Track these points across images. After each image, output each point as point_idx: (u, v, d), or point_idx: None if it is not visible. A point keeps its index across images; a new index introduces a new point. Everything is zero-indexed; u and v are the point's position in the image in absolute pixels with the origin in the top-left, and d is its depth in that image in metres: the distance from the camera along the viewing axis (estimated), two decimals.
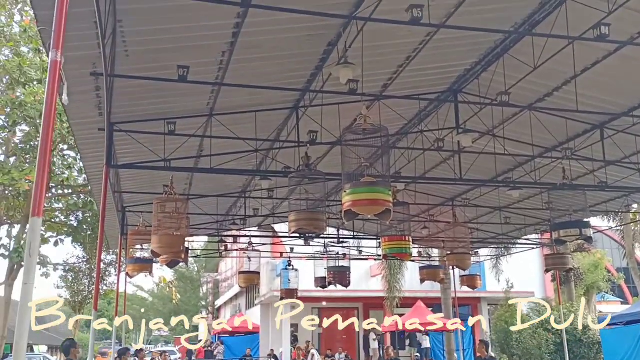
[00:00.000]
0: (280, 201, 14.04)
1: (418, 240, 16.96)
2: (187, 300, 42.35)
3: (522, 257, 23.40)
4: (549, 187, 10.22)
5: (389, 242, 9.83)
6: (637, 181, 11.18)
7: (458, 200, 14.17)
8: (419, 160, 11.07)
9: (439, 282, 15.20)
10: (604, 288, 29.81)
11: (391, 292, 24.96)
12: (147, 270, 11.53)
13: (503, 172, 11.97)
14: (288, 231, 8.04)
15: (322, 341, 30.09)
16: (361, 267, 26.55)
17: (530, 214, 14.38)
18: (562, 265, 11.66)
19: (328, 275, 14.47)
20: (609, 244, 37.65)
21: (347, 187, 6.39)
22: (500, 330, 19.59)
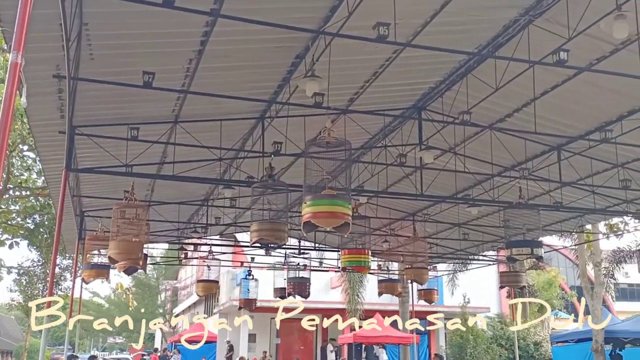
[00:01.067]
0: (242, 210, 14.01)
1: (378, 253, 17.11)
2: (144, 307, 41.65)
3: (479, 273, 23.78)
4: (506, 205, 10.44)
5: (348, 255, 9.91)
6: (591, 202, 11.50)
7: (419, 215, 14.35)
8: (381, 174, 11.19)
9: (396, 295, 15.34)
10: (557, 305, 30.49)
11: (351, 304, 25.04)
12: (104, 276, 11.36)
13: (463, 189, 12.19)
14: (249, 241, 8.05)
15: (279, 352, 29.97)
16: (321, 278, 26.59)
17: (487, 231, 14.64)
18: (516, 283, 11.90)
19: (288, 285, 14.49)
20: (564, 262, 38.57)
21: (307, 199, 6.44)
22: (455, 345, 19.86)
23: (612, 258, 22.97)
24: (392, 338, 22.66)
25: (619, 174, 10.13)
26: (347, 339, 24.05)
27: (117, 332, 49.89)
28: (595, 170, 10.41)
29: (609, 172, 10.39)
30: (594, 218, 13.77)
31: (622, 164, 10.05)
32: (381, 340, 23.54)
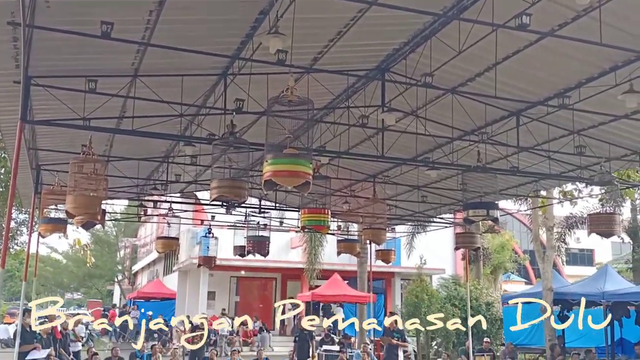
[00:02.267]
0: (203, 169, 13.92)
1: (338, 214, 17.27)
2: (102, 264, 41.39)
3: (436, 236, 24.30)
4: (464, 168, 10.62)
5: (308, 215, 9.99)
6: (547, 168, 11.78)
7: (379, 177, 14.48)
8: (344, 136, 11.22)
9: (355, 255, 15.59)
10: (510, 268, 31.43)
11: (310, 264, 25.34)
12: (61, 231, 11.21)
13: (423, 152, 12.34)
14: (209, 198, 8.03)
15: (238, 310, 30.27)
16: (281, 238, 26.78)
17: (446, 194, 14.90)
18: (471, 244, 12.21)
19: (247, 244, 14.56)
20: (518, 227, 39.59)
21: (268, 157, 6.44)
22: (411, 304, 20.32)
23: (564, 223, 23.72)
24: (349, 297, 23.12)
25: (575, 140, 10.38)
26: (306, 297, 24.42)
27: (75, 288, 49.55)
28: (552, 136, 10.64)
29: (565, 139, 10.63)
30: (548, 183, 14.12)
31: (578, 130, 10.29)
32: (339, 299, 24.00)
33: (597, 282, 17.01)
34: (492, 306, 20.96)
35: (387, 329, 13.53)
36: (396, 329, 13.53)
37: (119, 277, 43.86)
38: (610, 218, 10.02)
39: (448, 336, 19.79)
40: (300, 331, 15.12)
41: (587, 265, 38.53)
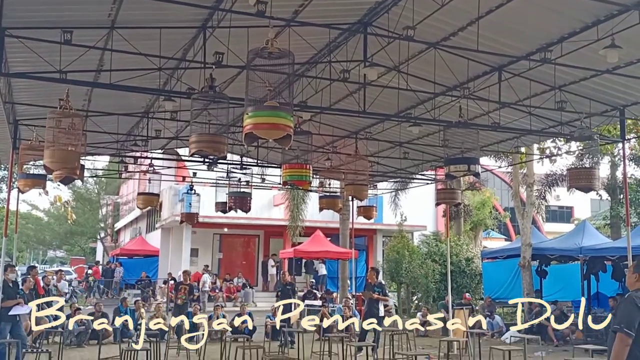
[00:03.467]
0: (184, 124, 13.80)
1: (320, 171, 17.29)
2: (84, 221, 41.26)
3: (417, 193, 24.49)
4: (446, 123, 10.63)
5: (289, 170, 9.98)
6: (528, 124, 11.83)
7: (361, 134, 14.46)
8: (325, 91, 11.14)
9: (337, 211, 15.66)
10: (490, 225, 31.84)
11: (293, 221, 25.47)
12: (40, 186, 11.11)
13: (405, 108, 12.31)
14: (189, 153, 7.98)
15: (222, 266, 30.49)
16: (264, 196, 26.84)
17: (427, 150, 14.94)
18: (452, 200, 12.29)
19: (229, 200, 14.56)
20: (499, 184, 40.02)
21: (249, 110, 6.40)
22: (392, 260, 20.59)
23: (544, 181, 24.01)
24: (331, 253, 23.35)
25: (556, 96, 10.40)
26: (288, 254, 24.63)
27: (57, 246, 49.46)
28: (533, 92, 10.65)
29: (546, 95, 10.66)
30: (529, 139, 14.18)
31: (560, 86, 10.31)
32: (321, 255, 24.23)
33: (575, 237, 17.31)
34: (472, 262, 21.32)
35: (368, 284, 13.68)
36: (377, 284, 13.67)
37: (102, 235, 43.82)
38: (589, 173, 10.13)
39: (428, 291, 20.15)
40: (283, 285, 15.27)
41: (566, 223, 39.15)
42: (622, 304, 4.86)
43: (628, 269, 5.16)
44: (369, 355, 11.01)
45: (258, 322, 16.16)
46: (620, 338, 4.55)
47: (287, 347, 13.42)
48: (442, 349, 11.23)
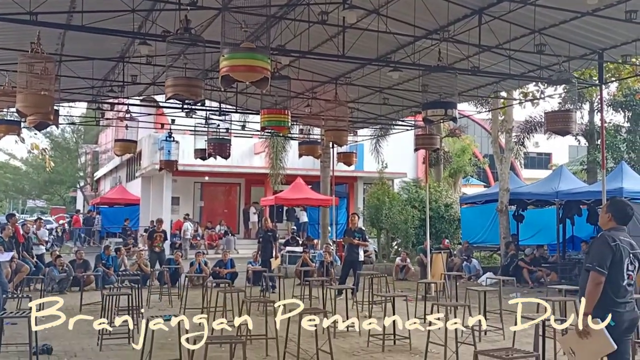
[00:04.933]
0: (161, 70, 13.56)
1: (300, 117, 17.20)
2: (63, 170, 40.87)
3: (398, 140, 24.52)
4: (425, 68, 10.56)
5: (267, 115, 9.90)
6: (507, 68, 11.79)
7: (341, 80, 14.34)
8: (304, 36, 10.95)
9: (316, 157, 15.65)
10: (469, 172, 32.15)
11: (274, 169, 25.46)
12: (15, 132, 10.91)
13: (385, 53, 12.17)
14: (165, 97, 7.86)
15: (203, 214, 30.58)
16: (245, 144, 26.74)
17: (407, 96, 14.89)
18: (430, 145, 12.33)
19: (208, 146, 14.47)
20: (479, 131, 40.21)
21: (225, 52, 6.30)
22: (372, 206, 20.77)
23: (523, 127, 24.16)
24: (312, 200, 23.48)
25: (535, 39, 10.34)
26: (269, 201, 24.73)
27: (37, 195, 49.08)
28: (513, 35, 10.56)
29: (526, 38, 10.57)
30: (509, 84, 14.16)
31: (540, 29, 10.22)
32: (302, 202, 24.37)
33: (551, 182, 17.54)
34: (451, 207, 21.58)
35: (349, 229, 13.84)
36: (357, 229, 13.84)
37: (81, 184, 43.52)
38: (566, 116, 10.17)
39: (408, 236, 20.42)
40: (265, 232, 15.36)
41: (544, 169, 39.56)
42: (595, 243, 4.96)
43: (601, 209, 5.24)
44: (349, 298, 11.21)
45: (240, 268, 16.35)
46: (592, 276, 4.65)
47: (268, 292, 13.62)
48: (420, 291, 11.46)
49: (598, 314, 4.59)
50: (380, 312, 10.41)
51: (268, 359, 7.73)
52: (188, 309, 10.84)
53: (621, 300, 4.70)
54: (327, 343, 6.96)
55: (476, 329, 8.39)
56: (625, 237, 4.85)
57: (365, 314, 10.60)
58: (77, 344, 8.59)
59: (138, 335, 8.22)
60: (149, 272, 15.05)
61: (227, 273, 15.42)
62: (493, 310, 9.78)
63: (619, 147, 22.81)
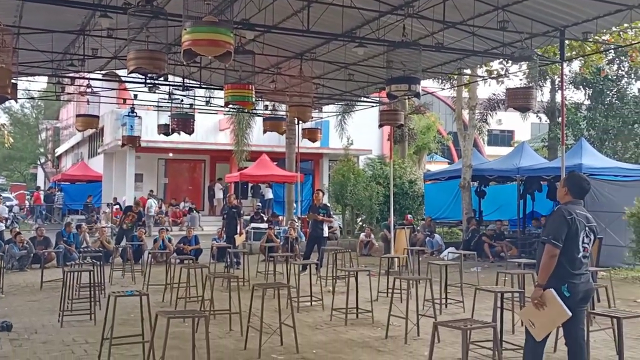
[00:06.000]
0: (123, 44, 13.27)
1: (265, 93, 17.09)
2: (23, 146, 39.96)
3: (364, 118, 24.60)
4: (389, 43, 10.56)
5: (231, 90, 9.80)
6: (471, 45, 11.87)
7: (306, 55, 14.26)
8: (268, 10, 10.84)
9: (281, 133, 15.62)
10: (434, 149, 32.46)
11: (239, 146, 25.29)
12: None
13: (350, 28, 12.14)
14: (127, 70, 7.72)
15: (167, 191, 30.29)
16: (210, 120, 26.48)
17: (372, 72, 14.90)
18: (394, 121, 12.39)
19: (171, 122, 14.29)
20: (444, 109, 40.53)
21: (187, 26, 6.20)
22: (337, 183, 20.84)
23: (486, 104, 24.44)
24: (277, 177, 23.45)
25: (499, 16, 10.41)
26: (234, 178, 24.61)
27: None
28: (477, 12, 10.62)
29: (489, 15, 10.64)
30: (472, 61, 14.27)
31: (503, 6, 10.30)
32: (267, 179, 24.32)
33: (513, 159, 17.82)
34: (415, 184, 21.80)
35: (313, 205, 13.87)
36: (322, 205, 13.89)
37: (42, 160, 42.62)
38: (527, 92, 10.33)
39: (372, 212, 20.59)
40: (229, 208, 15.29)
41: (507, 146, 40.15)
42: (552, 217, 5.07)
43: (559, 184, 5.34)
44: (313, 273, 11.28)
45: (204, 245, 16.28)
46: (548, 249, 4.75)
47: (233, 268, 13.62)
48: (383, 266, 11.60)
49: (554, 285, 4.71)
50: (344, 287, 10.51)
51: (231, 333, 7.76)
52: (151, 285, 10.77)
53: (576, 272, 4.81)
54: (290, 317, 7.01)
55: (437, 301, 8.55)
56: (582, 211, 4.96)
57: (329, 289, 10.70)
58: (37, 321, 8.48)
59: (100, 312, 8.18)
60: (112, 249, 14.90)
61: (191, 249, 15.36)
62: (454, 283, 9.97)
63: (580, 124, 23.27)
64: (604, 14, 10.41)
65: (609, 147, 22.62)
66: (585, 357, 5.11)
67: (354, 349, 7.07)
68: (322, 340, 7.52)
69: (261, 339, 6.67)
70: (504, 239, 16.79)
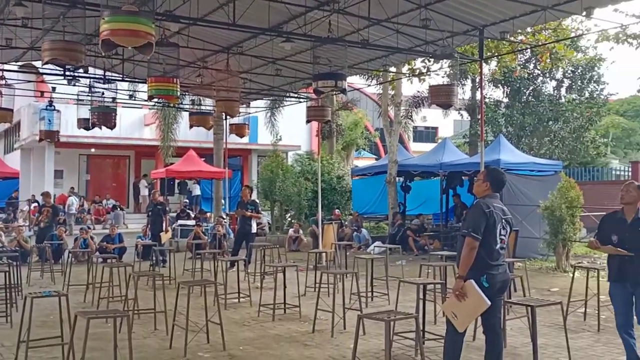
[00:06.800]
0: (40, 34, 12.71)
1: (191, 87, 16.79)
2: None
3: (292, 114, 24.60)
4: (315, 39, 10.61)
5: (155, 83, 9.58)
6: (395, 42, 12.08)
7: (233, 49, 14.11)
8: (193, 2, 10.65)
9: (208, 129, 15.41)
10: (361, 145, 32.88)
11: (165, 141, 24.75)
12: None
13: (277, 23, 12.09)
14: (42, 61, 7.41)
15: (90, 188, 29.33)
16: (134, 114, 25.79)
17: (300, 67, 14.91)
18: (322, 117, 12.45)
19: (92, 116, 13.82)
20: (371, 105, 41.09)
21: (105, 15, 6.00)
22: (266, 179, 20.77)
23: (411, 101, 24.95)
24: (204, 173, 23.13)
25: (421, 14, 10.64)
26: (160, 174, 24.09)
27: None
28: (401, 10, 10.82)
29: (413, 13, 10.86)
30: (397, 58, 14.52)
31: (426, 4, 10.53)
32: (194, 175, 23.94)
33: (436, 154, 18.27)
34: (343, 179, 22.01)
35: (242, 202, 13.77)
36: (250, 201, 13.81)
37: None
38: (448, 89, 10.61)
39: (301, 208, 20.64)
40: (154, 205, 14.95)
41: (431, 142, 41.10)
42: (471, 210, 5.22)
43: (477, 177, 5.49)
44: (241, 270, 11.20)
45: (129, 243, 15.86)
46: (467, 241, 4.89)
47: (158, 266, 13.33)
48: (311, 261, 11.65)
49: (474, 276, 4.86)
50: (272, 282, 10.49)
51: (156, 332, 7.60)
52: (72, 286, 10.40)
53: (494, 262, 4.97)
54: (217, 314, 6.93)
55: (363, 294, 8.66)
56: (498, 204, 5.14)
57: (257, 285, 10.65)
58: None
59: (17, 314, 7.82)
60: (29, 248, 14.29)
61: (114, 248, 14.93)
62: (380, 277, 10.13)
63: (499, 121, 24.11)
64: (521, 14, 10.83)
65: (526, 143, 23.56)
66: (502, 344, 5.30)
67: (281, 344, 7.07)
68: (250, 336, 7.48)
69: (187, 337, 6.56)
70: (424, 232, 17.21)
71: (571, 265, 12.18)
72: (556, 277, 12.19)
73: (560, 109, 23.97)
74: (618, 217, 5.70)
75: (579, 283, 8.76)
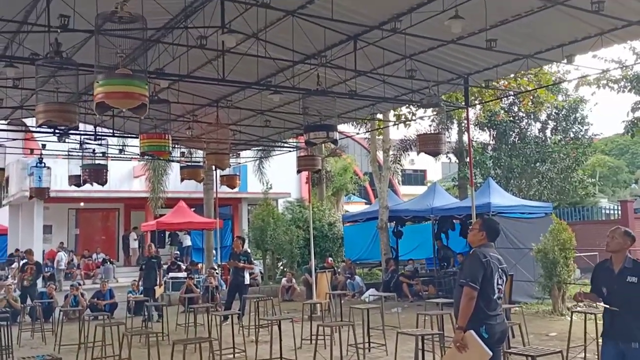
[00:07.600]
0: (29, 93, 12.83)
1: (181, 140, 16.90)
2: None
3: (281, 161, 24.73)
4: (305, 91, 10.78)
5: (147, 140, 9.66)
6: (382, 92, 12.30)
7: (222, 102, 14.28)
8: (183, 58, 10.83)
9: (199, 181, 15.46)
10: (351, 190, 33.00)
11: (155, 193, 24.74)
12: None
13: (266, 76, 12.30)
14: (36, 124, 7.46)
15: (79, 242, 29.08)
16: (123, 167, 25.82)
17: (289, 118, 15.09)
18: (312, 166, 12.53)
19: (83, 173, 13.84)
20: (359, 150, 41.43)
21: (99, 78, 6.09)
22: (257, 228, 20.73)
23: (399, 146, 25.21)
24: (195, 224, 23.06)
25: (407, 64, 10.88)
26: (150, 226, 23.99)
27: None
28: (386, 60, 11.06)
29: (398, 63, 11.10)
30: (384, 106, 14.76)
31: (410, 55, 10.78)
32: (184, 226, 23.85)
33: (426, 199, 18.38)
34: (334, 226, 22.01)
35: (234, 253, 13.74)
36: (242, 252, 13.78)
37: None
38: (436, 137, 10.77)
39: (293, 256, 20.56)
40: (148, 259, 14.84)
41: (420, 185, 41.37)
42: (468, 260, 5.25)
43: (472, 226, 5.52)
44: (235, 323, 11.09)
45: (120, 298, 15.68)
46: (466, 291, 4.90)
47: (151, 322, 13.15)
48: (306, 311, 11.56)
49: (473, 327, 4.85)
50: (267, 335, 10.38)
51: None
52: (64, 346, 10.24)
53: (493, 312, 4.98)
54: None
55: (360, 346, 8.59)
56: (494, 253, 5.18)
57: (252, 339, 10.53)
58: None
59: None
60: (19, 307, 14.08)
61: (105, 304, 14.74)
62: (376, 326, 10.06)
63: (486, 163, 24.36)
64: (504, 62, 11.10)
65: (514, 185, 23.75)
66: None
67: None
68: None
69: None
70: (417, 277, 17.17)
71: (567, 308, 12.18)
72: (553, 321, 12.15)
73: (547, 150, 24.28)
74: (606, 267, 5.22)
75: (577, 326, 8.75)
